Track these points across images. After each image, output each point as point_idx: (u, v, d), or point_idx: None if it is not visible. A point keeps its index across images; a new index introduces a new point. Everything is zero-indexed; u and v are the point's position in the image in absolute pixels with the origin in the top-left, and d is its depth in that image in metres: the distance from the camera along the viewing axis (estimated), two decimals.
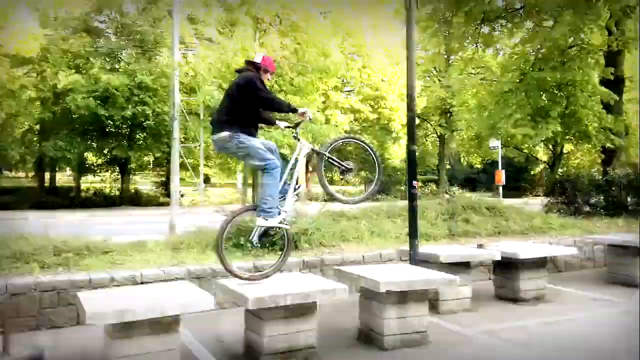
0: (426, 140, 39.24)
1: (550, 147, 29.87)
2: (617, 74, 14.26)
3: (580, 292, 7.38)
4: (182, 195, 20.40)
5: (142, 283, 5.88)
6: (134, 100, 20.99)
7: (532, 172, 39.64)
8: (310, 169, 35.83)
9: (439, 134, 35.48)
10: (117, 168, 27.72)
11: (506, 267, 6.83)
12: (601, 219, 11.79)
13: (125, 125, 24.54)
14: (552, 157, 31.54)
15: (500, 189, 24.04)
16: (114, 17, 25.16)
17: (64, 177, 39.91)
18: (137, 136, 25.15)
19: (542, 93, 14.79)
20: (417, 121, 30.29)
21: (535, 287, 6.81)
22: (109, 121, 23.14)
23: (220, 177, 43.91)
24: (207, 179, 44.25)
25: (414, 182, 6.60)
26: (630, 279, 7.68)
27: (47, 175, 29.48)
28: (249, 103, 4.87)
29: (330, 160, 5.31)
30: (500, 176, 23.32)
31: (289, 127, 5.52)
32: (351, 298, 5.78)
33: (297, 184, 5.23)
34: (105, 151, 25.09)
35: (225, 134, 4.81)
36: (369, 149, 5.67)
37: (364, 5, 30.25)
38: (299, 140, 5.23)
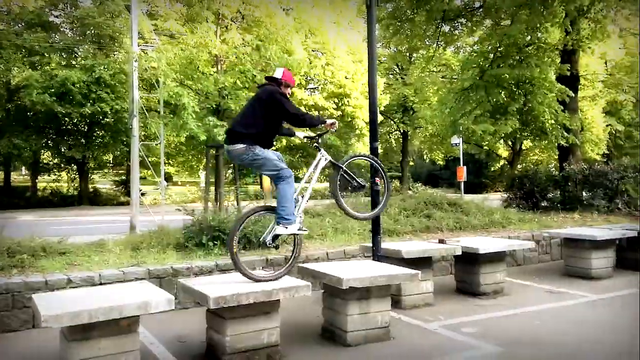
0: (390, 137, 39.66)
1: (510, 143, 30.67)
2: (572, 72, 14.69)
3: (537, 285, 7.58)
4: (142, 194, 20.00)
5: (100, 284, 5.73)
6: (91, 96, 20.42)
7: (492, 169, 40.52)
8: None
9: (402, 131, 35.87)
10: (75, 167, 26.95)
11: (467, 262, 6.95)
12: (558, 213, 12.14)
13: (83, 123, 23.91)
14: (511, 154, 32.41)
15: (462, 185, 24.47)
16: (70, 11, 24.45)
17: (19, 177, 38.69)
18: (96, 134, 24.53)
19: (501, 90, 15.10)
20: (381, 118, 30.63)
21: (495, 281, 6.95)
22: (66, 119, 22.50)
23: (183, 176, 43.33)
24: (169, 178, 43.60)
25: (377, 179, 6.64)
26: (585, 271, 7.94)
27: (1, 175, 28.47)
28: (271, 117, 4.92)
29: (346, 175, 5.38)
30: (462, 172, 23.72)
31: (308, 137, 5.51)
32: (315, 295, 5.79)
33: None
34: (62, 150, 24.38)
35: (241, 146, 4.84)
36: (380, 168, 5.91)
37: (327, 3, 30.20)
38: (319, 150, 5.27)
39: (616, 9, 14.18)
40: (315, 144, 5.37)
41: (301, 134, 5.57)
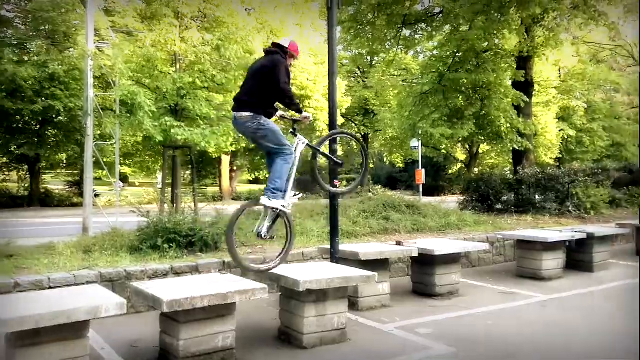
0: (350, 140, 39.82)
1: (467, 147, 31.31)
2: (527, 78, 15.13)
3: (491, 286, 7.75)
4: (96, 195, 19.46)
5: (49, 288, 5.54)
6: (44, 93, 19.74)
7: (450, 172, 41.20)
8: (235, 168, 35.45)
9: (362, 133, 36.13)
10: (26, 166, 26.00)
11: (423, 263, 7.04)
12: (512, 215, 12.46)
13: (35, 121, 23.11)
14: (468, 157, 33.08)
15: (421, 187, 24.82)
16: (23, 6, 23.60)
17: None
18: (49, 132, 23.74)
19: (458, 95, 15.43)
20: (342, 121, 30.80)
21: (450, 282, 7.07)
22: (17, 116, 21.70)
23: (140, 176, 42.45)
24: (125, 178, 42.55)
25: (336, 181, 6.65)
26: (536, 272, 8.16)
27: None
28: (270, 86, 5.02)
29: (325, 155, 5.66)
30: (421, 175, 24.08)
31: (284, 118, 5.62)
32: (274, 298, 5.77)
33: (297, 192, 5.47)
34: (12, 148, 23.47)
35: (247, 114, 4.96)
36: (357, 141, 6.25)
37: (289, 4, 30.17)
38: (296, 136, 5.48)
39: (569, 18, 14.69)
40: (291, 130, 5.56)
41: (280, 112, 5.66)
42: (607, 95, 31.26)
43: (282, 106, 5.46)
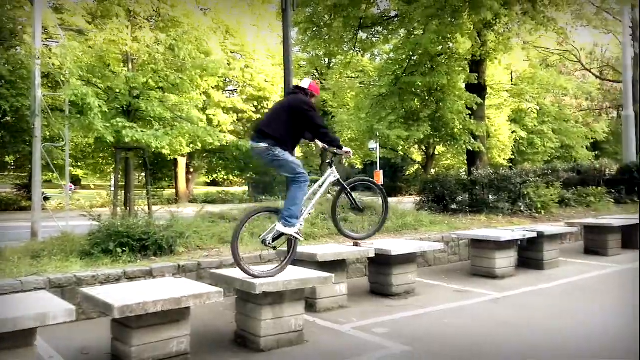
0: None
1: (424, 148, 31.83)
2: (480, 81, 15.50)
3: (446, 284, 7.88)
4: (46, 199, 18.79)
5: None
6: None
7: (407, 173, 41.82)
8: (192, 170, 34.92)
9: None
10: None
11: (380, 264, 7.10)
12: (466, 215, 12.72)
13: None
14: (425, 158, 33.66)
15: None
16: None
17: None
18: None
19: (414, 97, 15.67)
20: None
21: (406, 282, 7.15)
22: None
23: (93, 179, 41.31)
24: (77, 181, 41.31)
25: None
26: (489, 271, 8.34)
27: None
28: (295, 124, 5.26)
29: (348, 196, 5.95)
30: (379, 176, 24.33)
31: (326, 148, 5.79)
32: (229, 301, 5.70)
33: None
34: None
35: (263, 145, 5.14)
36: (379, 191, 6.52)
37: (245, 5, 29.99)
38: (331, 167, 5.80)
39: (519, 23, 15.15)
40: (328, 161, 5.86)
41: (320, 143, 5.83)
42: (556, 98, 32.38)
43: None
